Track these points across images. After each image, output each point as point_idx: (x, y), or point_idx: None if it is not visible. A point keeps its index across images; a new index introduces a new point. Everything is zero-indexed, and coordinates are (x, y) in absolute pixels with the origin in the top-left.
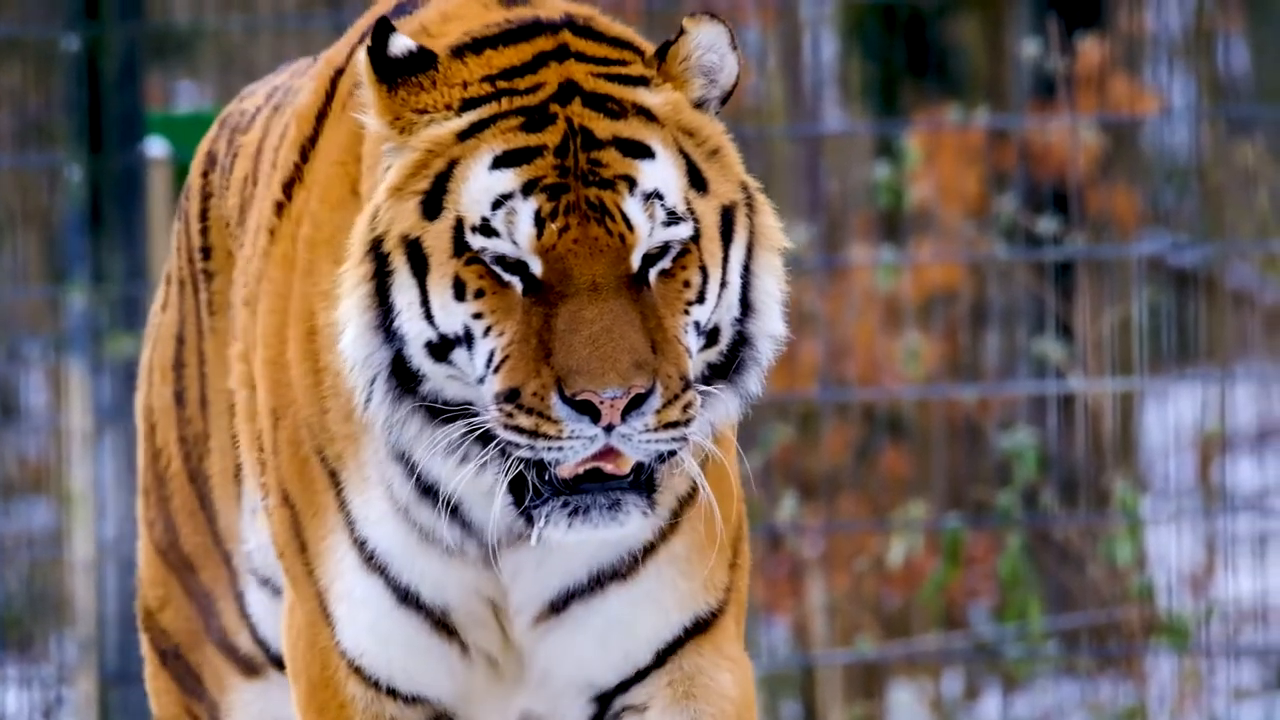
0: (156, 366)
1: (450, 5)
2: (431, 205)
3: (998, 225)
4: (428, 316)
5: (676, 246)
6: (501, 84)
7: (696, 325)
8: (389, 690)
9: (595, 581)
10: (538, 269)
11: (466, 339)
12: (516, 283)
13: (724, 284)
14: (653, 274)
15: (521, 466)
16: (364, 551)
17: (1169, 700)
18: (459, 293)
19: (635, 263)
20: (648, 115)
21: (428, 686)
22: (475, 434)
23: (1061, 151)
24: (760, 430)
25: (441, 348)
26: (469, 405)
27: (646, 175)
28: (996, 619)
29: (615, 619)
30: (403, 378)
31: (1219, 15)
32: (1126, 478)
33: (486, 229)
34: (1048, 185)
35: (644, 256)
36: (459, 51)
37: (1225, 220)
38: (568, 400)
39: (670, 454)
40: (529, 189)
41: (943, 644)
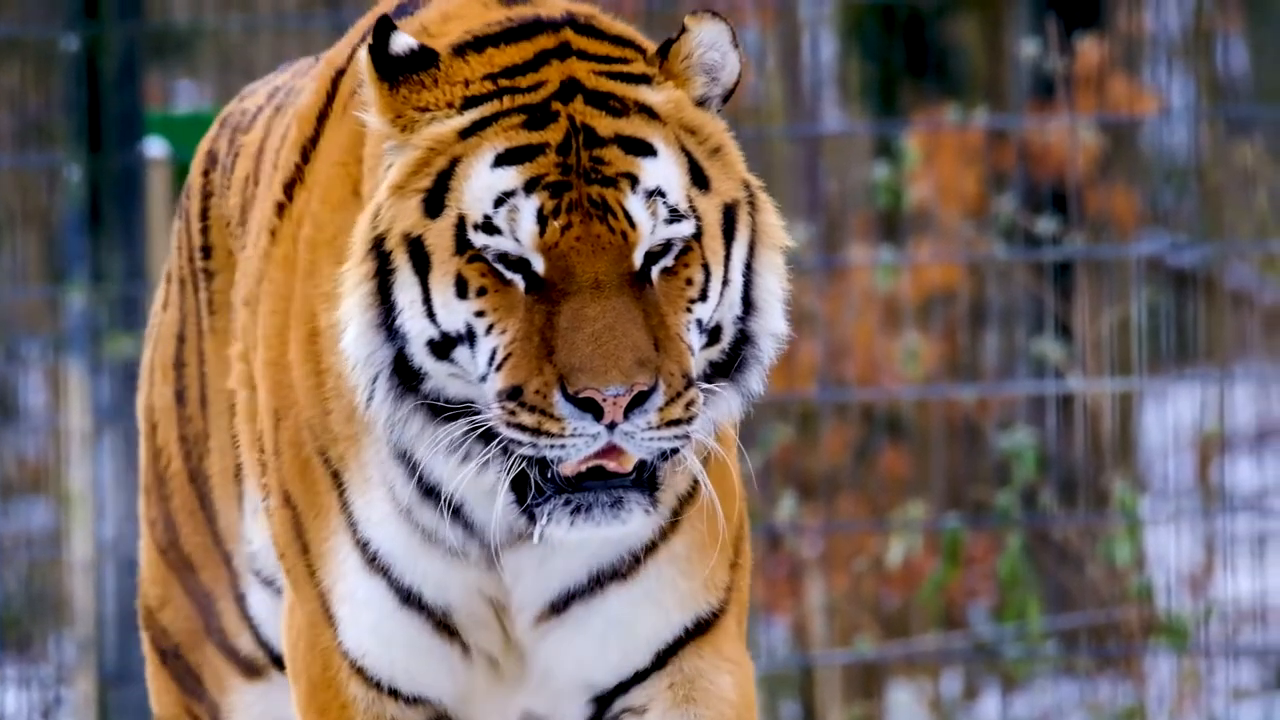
0: (157, 365)
1: (451, 5)
2: (433, 203)
3: (997, 225)
4: (430, 314)
5: (679, 244)
6: (503, 82)
7: (699, 323)
8: (390, 691)
9: (595, 581)
10: (540, 267)
11: (468, 337)
12: (519, 280)
13: (726, 282)
14: (655, 272)
15: (524, 465)
16: (367, 553)
17: (1168, 700)
18: (461, 291)
19: (637, 260)
20: (650, 113)
21: (429, 687)
22: (477, 432)
23: (1060, 152)
24: (759, 430)
25: (443, 346)
26: (471, 404)
27: (648, 173)
28: (995, 619)
29: (615, 619)
30: (404, 376)
31: (1218, 15)
32: (1125, 478)
33: (489, 227)
34: (1047, 185)
35: (646, 254)
36: (460, 49)
37: (1224, 220)
38: (570, 398)
39: (673, 452)
40: (531, 186)
41: (942, 644)
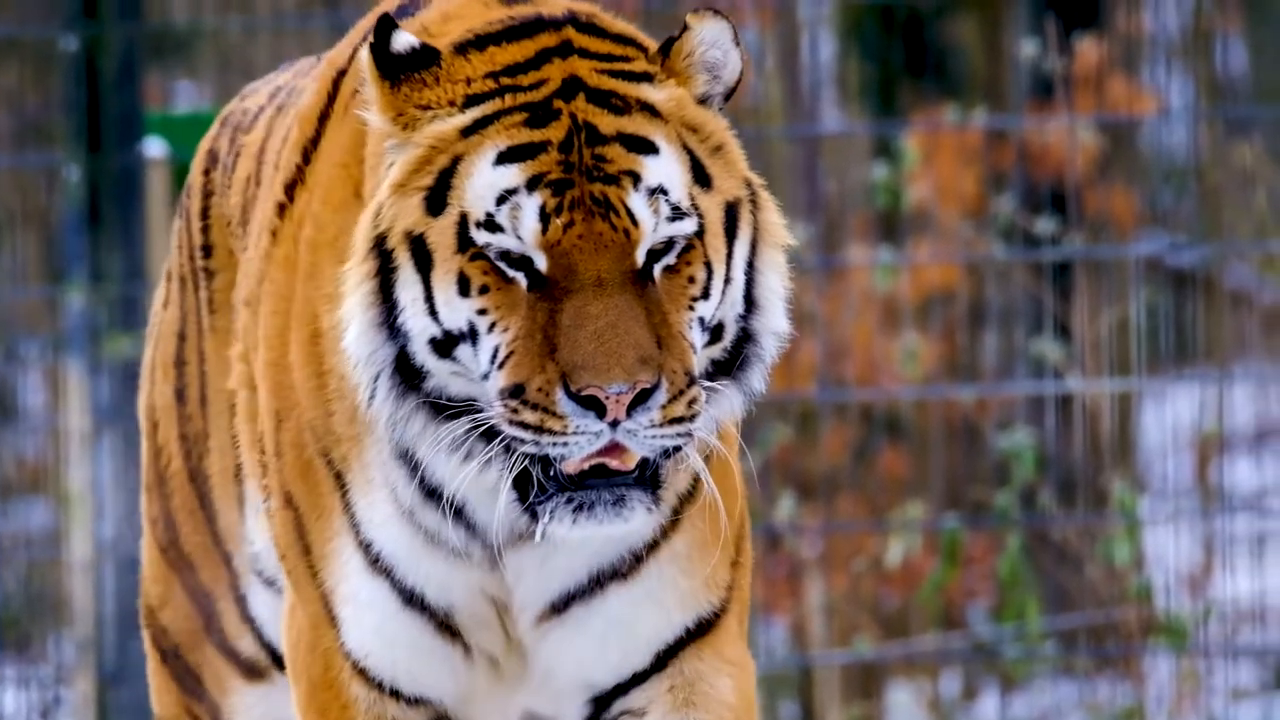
0: (158, 364)
1: (452, 5)
2: (435, 201)
3: (996, 226)
4: (432, 313)
5: (681, 242)
6: (505, 80)
7: (701, 321)
8: (392, 692)
9: (596, 581)
10: (542, 264)
11: (471, 335)
12: (521, 278)
13: (728, 280)
14: (657, 270)
15: (526, 463)
16: (369, 554)
17: (1167, 700)
18: (463, 289)
19: (640, 258)
20: (651, 111)
21: (431, 688)
22: (479, 430)
23: (1059, 152)
24: (759, 430)
25: (445, 344)
26: (473, 402)
27: (651, 171)
28: (995, 619)
29: (616, 618)
30: (406, 375)
31: (1217, 15)
32: (1124, 478)
33: (491, 224)
34: (1046, 186)
35: (648, 252)
36: (462, 48)
37: (1223, 221)
38: (573, 396)
39: (675, 450)
40: (533, 184)
41: (941, 644)
